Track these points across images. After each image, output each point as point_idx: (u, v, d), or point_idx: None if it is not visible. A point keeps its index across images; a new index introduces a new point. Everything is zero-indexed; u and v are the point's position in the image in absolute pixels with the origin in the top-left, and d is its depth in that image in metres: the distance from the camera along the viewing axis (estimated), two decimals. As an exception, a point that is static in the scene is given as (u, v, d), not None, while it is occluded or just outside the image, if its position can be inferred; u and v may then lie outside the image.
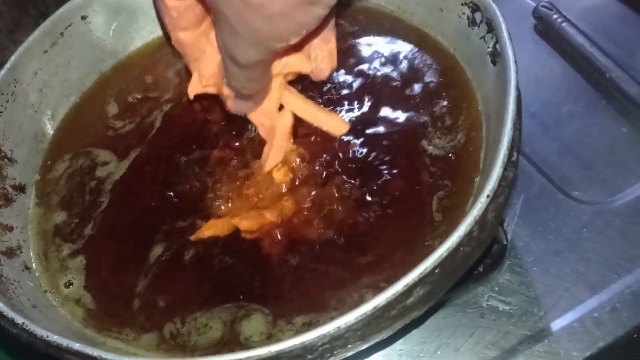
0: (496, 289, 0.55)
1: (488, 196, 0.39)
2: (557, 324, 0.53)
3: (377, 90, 0.55)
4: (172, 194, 0.52)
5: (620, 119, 0.64)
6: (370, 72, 0.57)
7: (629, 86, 0.64)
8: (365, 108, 0.55)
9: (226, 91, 0.48)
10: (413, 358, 0.53)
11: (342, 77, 0.57)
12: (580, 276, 0.55)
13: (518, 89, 0.44)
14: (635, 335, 0.52)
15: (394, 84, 0.55)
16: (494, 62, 0.49)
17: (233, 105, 0.50)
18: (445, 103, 0.53)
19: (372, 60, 0.57)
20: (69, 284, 0.49)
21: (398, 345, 0.53)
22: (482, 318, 0.53)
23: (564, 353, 0.51)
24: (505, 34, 0.46)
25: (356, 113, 0.54)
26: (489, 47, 0.49)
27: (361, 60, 0.58)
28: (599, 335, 0.52)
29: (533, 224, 0.58)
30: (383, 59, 0.58)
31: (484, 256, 0.53)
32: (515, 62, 0.45)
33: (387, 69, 0.57)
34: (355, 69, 0.57)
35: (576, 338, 0.52)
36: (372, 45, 0.59)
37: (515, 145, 0.43)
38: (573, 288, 0.55)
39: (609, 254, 0.55)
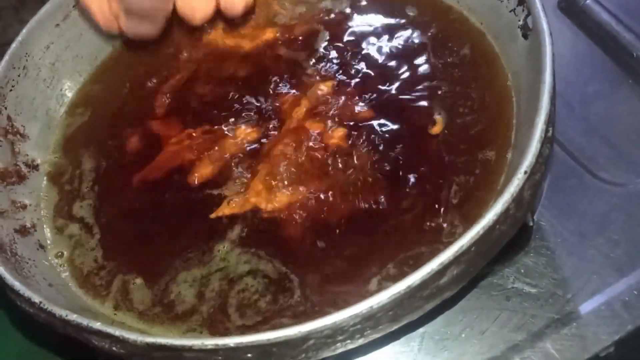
0: (522, 271, 0.53)
1: (525, 172, 0.37)
2: (584, 307, 0.51)
3: (402, 64, 0.54)
4: (191, 174, 0.51)
5: (648, 98, 0.62)
6: (393, 45, 0.55)
7: (657, 65, 0.62)
8: (389, 85, 0.53)
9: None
10: (436, 341, 0.51)
11: (364, 49, 0.55)
12: (607, 258, 0.53)
13: (553, 63, 0.42)
14: (665, 318, 0.51)
15: (419, 58, 0.54)
16: (525, 36, 0.47)
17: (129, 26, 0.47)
18: (473, 79, 0.51)
19: (395, 33, 0.56)
20: (80, 265, 0.47)
21: (422, 327, 0.52)
22: (508, 301, 0.52)
23: (592, 336, 0.50)
24: (539, 6, 0.45)
25: (379, 90, 0.53)
26: (519, 21, 0.48)
27: (384, 32, 0.56)
28: (628, 319, 0.50)
29: (559, 205, 0.56)
30: (406, 33, 0.56)
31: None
32: (551, 34, 0.43)
33: (410, 44, 0.55)
34: (377, 42, 0.56)
35: (604, 321, 0.50)
36: (395, 19, 0.57)
37: (552, 120, 0.41)
38: (601, 270, 0.53)
39: (636, 236, 0.54)
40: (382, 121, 0.50)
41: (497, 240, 0.38)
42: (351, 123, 0.51)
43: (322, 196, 0.48)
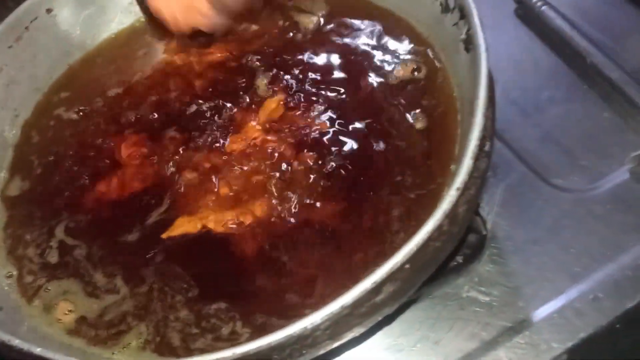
0: (476, 279, 0.54)
1: (458, 189, 0.38)
2: (537, 315, 0.52)
3: (351, 75, 0.54)
4: (144, 190, 0.51)
5: (602, 104, 0.63)
6: (343, 56, 0.56)
7: (610, 70, 0.62)
8: (338, 94, 0.54)
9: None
10: (393, 352, 0.52)
11: (315, 60, 0.56)
12: (561, 265, 0.54)
13: (490, 78, 0.43)
14: (617, 325, 0.51)
15: (368, 69, 0.54)
16: (467, 49, 0.48)
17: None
18: (420, 90, 0.52)
19: (344, 44, 0.56)
20: (39, 286, 0.47)
21: (378, 338, 0.52)
22: (462, 310, 0.52)
23: (545, 344, 0.50)
24: (476, 21, 0.45)
25: (329, 99, 0.53)
26: (462, 34, 0.48)
27: (334, 44, 0.57)
28: (580, 326, 0.51)
29: (513, 213, 0.57)
30: (356, 43, 0.56)
31: (461, 247, 0.52)
32: (487, 49, 0.43)
33: (360, 54, 0.56)
34: (329, 53, 0.56)
35: (557, 329, 0.51)
36: (345, 29, 0.57)
37: (488, 134, 0.42)
38: (554, 278, 0.54)
39: (590, 243, 0.54)
40: (332, 136, 0.51)
41: (433, 256, 0.39)
42: (302, 138, 0.52)
43: (272, 212, 0.48)
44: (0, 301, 0.45)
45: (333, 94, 0.54)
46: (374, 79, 0.54)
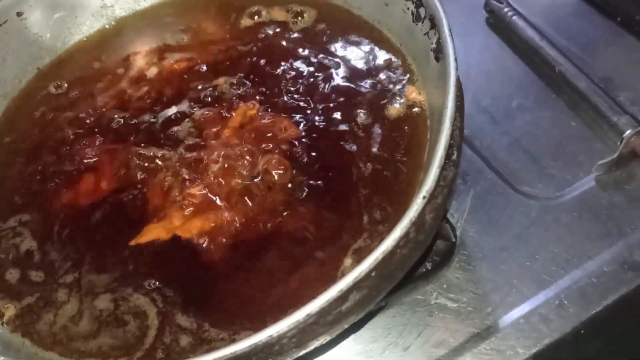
0: (445, 286, 0.54)
1: (424, 197, 0.38)
2: (504, 321, 0.53)
3: (323, 82, 0.55)
4: (111, 197, 0.51)
5: (570, 112, 0.64)
6: (315, 66, 0.56)
7: (578, 80, 0.64)
8: (309, 101, 0.54)
9: None
10: (363, 358, 0.52)
11: (288, 66, 0.56)
12: (527, 272, 0.55)
13: (459, 87, 0.44)
14: (582, 331, 0.52)
15: (340, 78, 0.55)
16: (437, 59, 0.48)
17: None
18: (391, 98, 0.52)
19: (318, 53, 0.56)
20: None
21: (347, 344, 0.52)
22: (431, 316, 0.53)
23: (510, 350, 0.51)
24: (446, 30, 0.46)
25: (300, 106, 0.54)
26: (432, 44, 0.49)
27: (308, 53, 0.57)
28: (546, 332, 0.52)
29: (482, 220, 0.58)
30: (330, 53, 0.57)
31: (430, 254, 0.52)
32: (456, 59, 0.44)
33: (333, 63, 0.56)
34: (303, 63, 0.56)
35: (522, 335, 0.52)
36: (319, 39, 0.58)
37: (455, 144, 0.42)
38: (520, 284, 0.54)
39: (556, 249, 0.55)
40: (302, 144, 0.51)
41: (400, 263, 0.39)
42: (273, 145, 0.52)
43: (241, 220, 0.48)
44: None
45: (304, 101, 0.54)
46: (345, 86, 0.54)
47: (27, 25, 0.58)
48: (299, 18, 0.60)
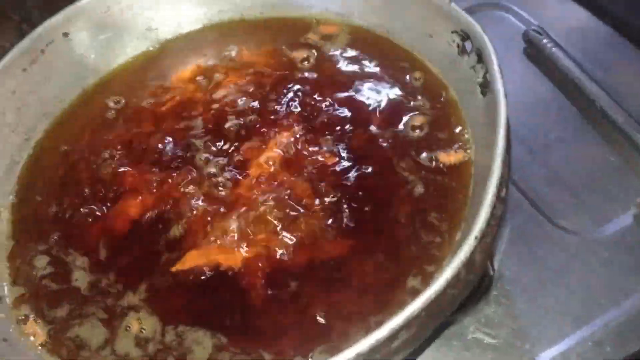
0: (482, 320, 0.54)
1: (476, 237, 0.38)
2: (542, 358, 0.52)
3: (363, 111, 0.55)
4: (153, 222, 0.51)
5: (608, 146, 0.63)
6: (357, 95, 0.56)
7: (616, 114, 0.63)
8: (349, 129, 0.54)
9: None
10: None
11: (329, 100, 0.56)
12: (565, 308, 0.54)
13: (508, 125, 0.43)
14: (619, 371, 0.51)
15: (380, 108, 0.55)
16: (483, 93, 0.48)
17: None
18: (433, 131, 0.52)
19: (359, 83, 0.57)
20: (39, 319, 0.47)
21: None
22: (467, 351, 0.52)
23: (549, 388, 0.50)
24: (495, 67, 0.46)
25: (343, 139, 0.54)
26: (478, 77, 0.49)
27: (349, 83, 0.57)
28: (584, 370, 0.51)
29: (520, 254, 0.57)
30: (370, 82, 0.57)
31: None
32: (506, 96, 0.44)
33: (374, 93, 0.56)
34: (343, 93, 0.56)
35: (560, 373, 0.51)
36: (360, 68, 0.58)
37: (504, 181, 0.42)
38: (558, 321, 0.54)
39: (594, 286, 0.55)
40: (344, 173, 0.51)
41: (449, 302, 0.39)
42: (313, 173, 0.52)
43: (283, 250, 0.48)
44: (5, 333, 0.45)
45: (344, 129, 0.54)
46: (386, 117, 0.54)
47: (73, 45, 0.58)
48: (339, 46, 0.60)
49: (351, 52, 0.59)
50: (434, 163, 0.50)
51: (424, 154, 0.51)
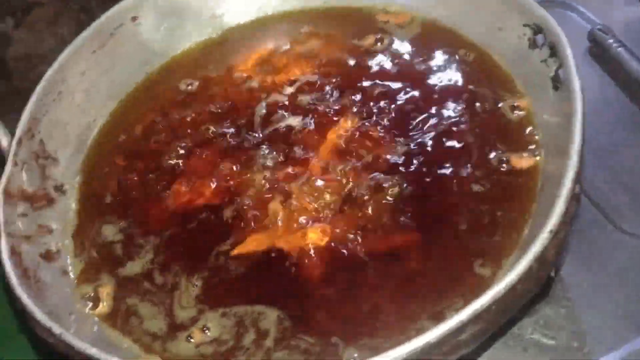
0: (541, 322, 0.53)
1: (550, 232, 0.37)
2: (601, 363, 0.51)
3: (429, 107, 0.54)
4: (215, 206, 0.51)
5: (674, 151, 0.61)
6: (421, 87, 0.56)
7: (684, 118, 0.61)
8: (417, 125, 0.53)
9: None
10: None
11: (395, 90, 0.55)
12: (626, 313, 0.52)
13: (584, 119, 0.42)
14: (680, 380, 0.50)
15: (447, 101, 0.54)
16: (555, 87, 0.47)
17: None
18: (501, 125, 0.51)
19: (426, 75, 0.56)
20: (102, 295, 0.48)
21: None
22: (526, 352, 0.51)
23: (606, 393, 0.49)
24: (571, 60, 0.45)
25: (408, 130, 0.53)
26: (551, 72, 0.48)
27: (415, 74, 0.56)
28: (644, 377, 0.50)
29: (581, 256, 0.55)
30: (438, 75, 0.56)
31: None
32: (582, 90, 0.43)
33: (441, 86, 0.55)
34: (409, 84, 0.56)
35: (619, 379, 0.50)
36: (426, 60, 0.57)
37: (579, 178, 0.41)
38: (619, 325, 0.52)
39: (657, 293, 0.53)
40: (407, 164, 0.51)
41: (518, 298, 0.38)
42: (376, 163, 0.51)
43: (344, 238, 0.48)
44: (71, 308, 0.46)
45: (408, 121, 0.54)
46: (452, 110, 0.53)
47: (140, 30, 0.59)
48: (404, 36, 0.60)
49: (416, 44, 0.59)
50: (503, 162, 0.49)
51: (492, 153, 0.50)
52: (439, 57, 0.57)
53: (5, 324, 0.51)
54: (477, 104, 0.53)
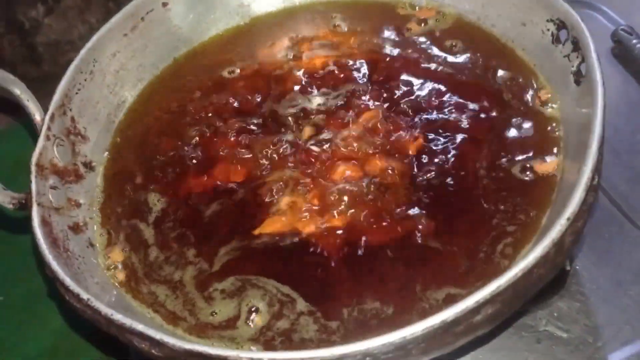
0: (555, 314, 0.53)
1: (568, 219, 0.38)
2: (614, 357, 0.51)
3: (452, 98, 0.55)
4: (238, 187, 0.53)
5: (695, 152, 0.61)
6: (445, 79, 0.56)
7: None
8: (438, 117, 0.54)
9: None
10: (464, 380, 0.51)
11: (416, 84, 0.56)
12: (641, 310, 0.53)
13: (605, 112, 0.43)
14: (693, 375, 0.50)
15: (470, 96, 0.55)
16: (577, 82, 0.48)
17: None
18: (522, 119, 0.52)
19: (450, 69, 0.57)
20: (127, 266, 0.49)
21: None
22: (538, 343, 0.52)
23: (620, 387, 0.49)
24: (593, 55, 0.45)
25: (428, 123, 0.54)
26: (572, 67, 0.48)
27: (439, 68, 0.57)
28: (658, 373, 0.50)
29: (598, 252, 0.56)
30: (460, 68, 0.57)
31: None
32: (604, 84, 0.43)
33: (463, 79, 0.56)
34: (431, 77, 0.57)
35: (633, 374, 0.50)
36: (448, 54, 0.58)
37: (598, 169, 0.41)
38: (633, 321, 0.52)
39: (673, 291, 0.53)
40: (430, 154, 0.51)
41: (534, 283, 0.39)
42: (399, 151, 0.52)
43: (364, 223, 0.49)
44: (98, 277, 0.47)
45: (430, 112, 0.55)
46: (474, 105, 0.54)
47: (170, 16, 0.61)
48: (429, 30, 0.61)
49: (441, 38, 0.59)
50: (525, 154, 0.50)
51: (514, 145, 0.51)
52: (463, 52, 0.58)
53: (34, 289, 0.54)
54: (500, 98, 0.54)
